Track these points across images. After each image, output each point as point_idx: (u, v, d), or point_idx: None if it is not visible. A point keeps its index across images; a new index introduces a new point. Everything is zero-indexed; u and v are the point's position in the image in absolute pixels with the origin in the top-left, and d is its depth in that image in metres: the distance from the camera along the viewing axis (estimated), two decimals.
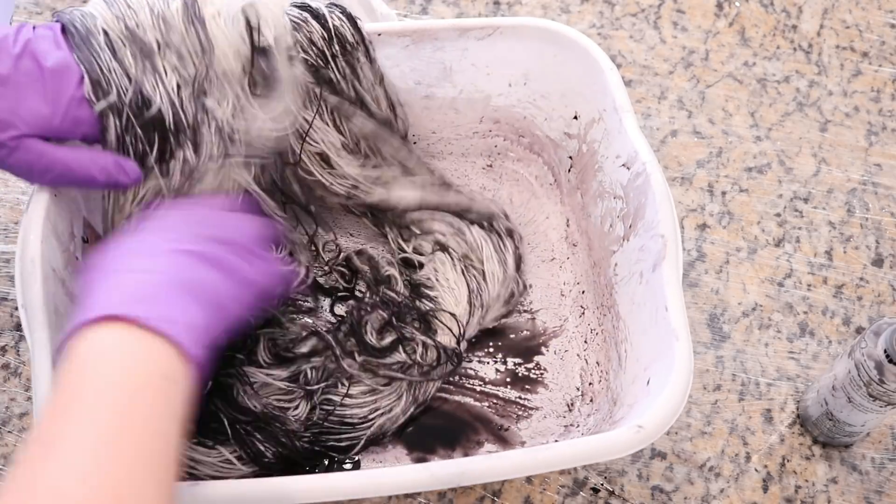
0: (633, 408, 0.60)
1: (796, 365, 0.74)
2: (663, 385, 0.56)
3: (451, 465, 0.54)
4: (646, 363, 0.62)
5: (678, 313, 0.59)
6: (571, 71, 0.72)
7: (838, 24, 0.92)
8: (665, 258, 0.61)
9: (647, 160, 0.64)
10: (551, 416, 0.69)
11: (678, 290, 0.60)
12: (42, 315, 0.55)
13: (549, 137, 0.77)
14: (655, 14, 0.91)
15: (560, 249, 0.76)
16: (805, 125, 0.86)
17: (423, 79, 0.73)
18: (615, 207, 0.68)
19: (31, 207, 0.58)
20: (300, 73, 0.64)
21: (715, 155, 0.83)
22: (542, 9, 0.90)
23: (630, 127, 0.66)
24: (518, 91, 0.76)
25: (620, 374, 0.65)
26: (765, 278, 0.78)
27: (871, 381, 0.63)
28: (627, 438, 0.54)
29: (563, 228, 0.77)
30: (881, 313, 0.77)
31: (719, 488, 0.69)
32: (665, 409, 0.55)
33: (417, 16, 0.89)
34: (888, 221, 0.81)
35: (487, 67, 0.74)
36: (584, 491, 0.68)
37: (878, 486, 0.69)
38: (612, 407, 0.65)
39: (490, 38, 0.71)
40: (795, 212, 0.81)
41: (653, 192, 0.63)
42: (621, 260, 0.67)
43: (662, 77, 0.87)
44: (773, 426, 0.71)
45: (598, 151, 0.71)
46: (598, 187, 0.71)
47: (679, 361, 0.57)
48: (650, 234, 0.63)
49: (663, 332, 0.59)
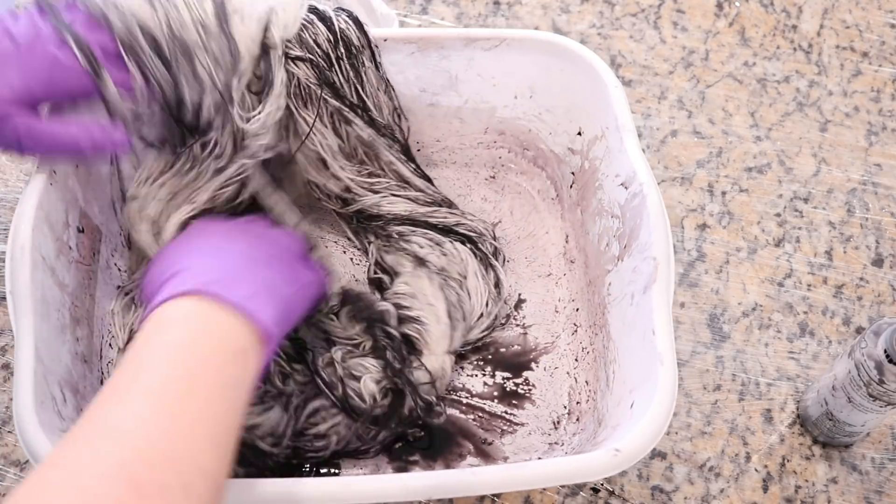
0: (616, 430, 0.59)
1: (796, 365, 0.74)
2: (645, 409, 0.56)
3: (425, 476, 0.54)
4: (631, 386, 0.61)
5: (665, 338, 0.58)
6: (577, 86, 0.71)
7: (838, 24, 0.92)
8: (656, 281, 0.60)
9: (644, 181, 0.64)
10: (536, 433, 0.68)
11: (667, 314, 0.59)
12: (29, 302, 0.56)
13: (553, 152, 0.77)
14: (655, 14, 0.91)
15: (557, 265, 0.76)
16: (805, 125, 0.86)
17: (429, 87, 0.73)
18: (612, 226, 0.68)
19: (25, 195, 0.59)
20: (300, 73, 0.64)
21: (715, 155, 0.83)
22: (542, 8, 0.90)
23: (630, 146, 0.66)
24: (524, 104, 0.75)
25: (607, 394, 0.65)
26: (765, 278, 0.78)
27: (871, 381, 0.63)
28: (604, 462, 0.54)
29: (561, 244, 0.76)
30: (881, 313, 0.77)
31: (719, 488, 0.69)
32: (644, 434, 0.55)
33: (417, 16, 0.89)
34: (888, 221, 0.81)
35: (493, 78, 0.73)
36: (584, 491, 0.68)
37: (878, 486, 0.69)
38: (596, 427, 0.64)
39: (496, 50, 0.71)
40: (795, 212, 0.81)
41: (648, 213, 0.62)
42: (615, 280, 0.66)
43: (662, 77, 0.87)
44: (773, 426, 0.71)
45: (599, 169, 0.70)
46: (597, 205, 0.70)
47: (662, 387, 0.56)
48: (643, 255, 0.62)
49: (649, 356, 0.58)
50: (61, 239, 0.62)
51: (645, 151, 0.83)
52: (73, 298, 0.63)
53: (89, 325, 0.65)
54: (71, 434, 0.45)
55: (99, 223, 0.68)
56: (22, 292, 0.56)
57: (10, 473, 0.66)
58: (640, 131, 0.84)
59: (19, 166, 0.78)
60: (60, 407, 0.57)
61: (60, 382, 0.58)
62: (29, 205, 0.58)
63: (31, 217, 0.58)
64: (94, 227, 0.67)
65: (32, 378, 0.54)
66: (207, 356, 0.50)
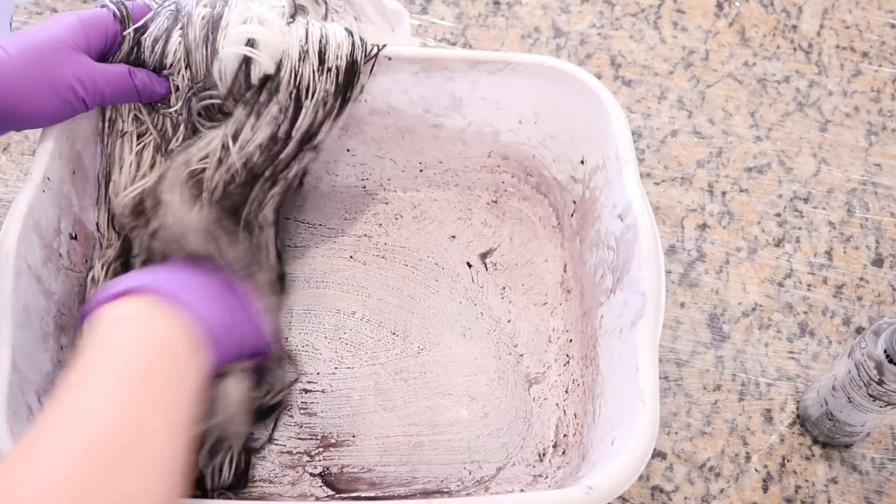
0: (596, 466, 0.58)
1: (796, 365, 0.74)
2: (623, 447, 0.55)
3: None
4: (614, 422, 0.60)
5: (648, 375, 0.57)
6: (581, 114, 0.70)
7: (838, 24, 0.92)
8: (643, 317, 0.59)
9: (638, 213, 0.62)
10: (521, 464, 0.68)
11: (652, 350, 0.58)
12: (9, 311, 0.55)
13: (557, 179, 0.75)
14: (655, 14, 0.91)
15: (554, 294, 0.75)
16: (805, 125, 0.86)
17: (432, 107, 0.72)
18: (607, 258, 0.66)
19: (15, 202, 0.59)
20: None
21: (715, 155, 0.83)
22: (542, 8, 0.90)
23: (628, 178, 0.64)
24: (528, 129, 0.74)
25: (593, 429, 0.64)
26: (765, 278, 0.78)
27: (871, 381, 0.63)
28: (576, 499, 0.53)
29: (559, 273, 0.75)
30: (881, 313, 0.77)
31: (719, 488, 0.69)
32: (619, 472, 0.54)
33: (418, 16, 0.88)
34: (888, 221, 0.81)
35: (498, 102, 0.72)
36: None
37: (878, 486, 0.69)
38: (580, 462, 0.63)
39: (501, 73, 0.70)
40: (795, 212, 0.81)
41: (640, 247, 0.61)
42: (607, 312, 0.65)
43: (662, 77, 0.87)
44: (773, 426, 0.71)
45: (598, 199, 0.69)
46: (595, 235, 0.69)
47: (641, 426, 0.55)
48: (633, 290, 0.61)
49: (631, 392, 0.57)
50: (51, 246, 0.61)
51: (645, 151, 0.83)
52: (60, 306, 0.62)
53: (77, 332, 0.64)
54: (35, 424, 0.46)
55: (93, 230, 0.67)
56: (3, 300, 0.55)
57: None
58: (640, 131, 0.84)
59: (19, 166, 0.78)
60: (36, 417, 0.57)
61: (38, 391, 0.58)
62: (17, 212, 0.58)
63: (18, 225, 0.58)
64: (88, 233, 0.67)
65: (7, 388, 0.54)
66: (160, 349, 0.51)
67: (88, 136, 0.66)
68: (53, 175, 0.61)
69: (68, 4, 0.87)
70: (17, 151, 0.79)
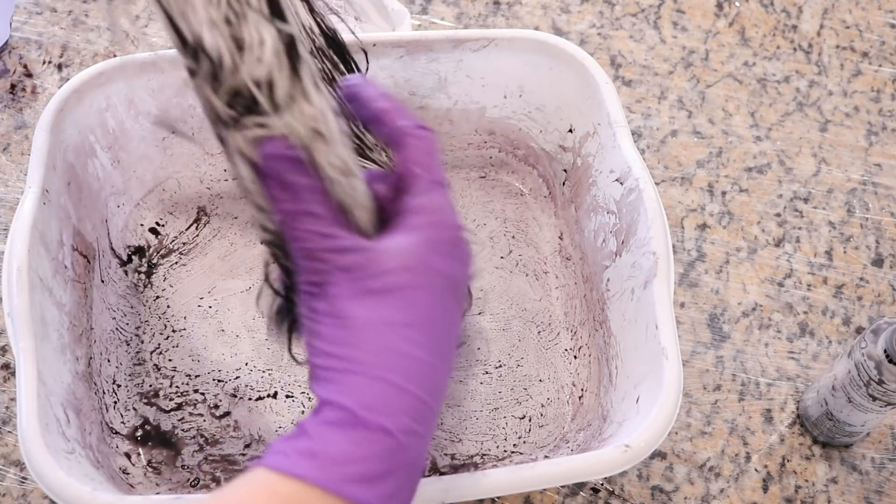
0: (623, 426, 0.59)
1: (796, 365, 0.74)
2: (652, 404, 0.56)
3: (435, 481, 0.53)
4: (636, 380, 0.61)
5: (668, 332, 0.58)
6: (567, 84, 0.71)
7: (838, 24, 0.92)
8: (656, 276, 0.60)
9: (640, 176, 0.63)
10: (541, 431, 0.68)
11: (669, 308, 0.59)
12: (28, 324, 0.55)
13: (545, 150, 0.77)
14: (655, 14, 0.91)
15: (553, 263, 0.76)
16: (805, 125, 0.86)
17: (418, 89, 0.73)
18: (608, 222, 0.67)
19: (18, 215, 0.58)
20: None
21: (715, 155, 0.83)
22: (542, 8, 0.90)
23: (624, 142, 0.66)
24: (513, 103, 0.75)
25: (611, 390, 0.65)
26: (765, 278, 0.78)
27: (871, 381, 0.63)
28: (614, 458, 0.54)
29: (556, 242, 0.76)
30: (881, 313, 0.77)
31: (719, 488, 0.69)
32: (652, 429, 0.55)
33: (418, 16, 0.89)
34: (888, 221, 0.81)
35: (483, 79, 0.73)
36: (584, 491, 0.68)
37: (878, 486, 0.69)
38: (602, 423, 0.64)
39: (485, 50, 0.71)
40: (795, 212, 0.81)
41: (645, 208, 0.62)
42: (613, 276, 0.66)
43: (662, 77, 0.87)
44: (773, 426, 0.71)
45: (592, 165, 0.70)
46: (591, 201, 0.70)
47: (668, 381, 0.56)
48: (642, 251, 0.62)
49: (653, 351, 0.58)
50: (56, 258, 0.61)
51: (645, 151, 0.83)
52: (71, 318, 0.62)
53: (88, 344, 0.65)
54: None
55: (92, 240, 0.67)
56: (21, 315, 0.55)
57: (10, 473, 0.66)
58: (640, 131, 0.84)
59: (19, 166, 0.78)
60: (65, 428, 0.56)
61: (63, 403, 0.58)
62: (23, 224, 0.58)
63: (26, 237, 0.57)
64: (87, 244, 0.67)
65: (36, 401, 0.53)
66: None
67: (78, 147, 0.66)
68: (51, 187, 0.61)
69: (68, 4, 0.87)
70: (17, 151, 0.79)
